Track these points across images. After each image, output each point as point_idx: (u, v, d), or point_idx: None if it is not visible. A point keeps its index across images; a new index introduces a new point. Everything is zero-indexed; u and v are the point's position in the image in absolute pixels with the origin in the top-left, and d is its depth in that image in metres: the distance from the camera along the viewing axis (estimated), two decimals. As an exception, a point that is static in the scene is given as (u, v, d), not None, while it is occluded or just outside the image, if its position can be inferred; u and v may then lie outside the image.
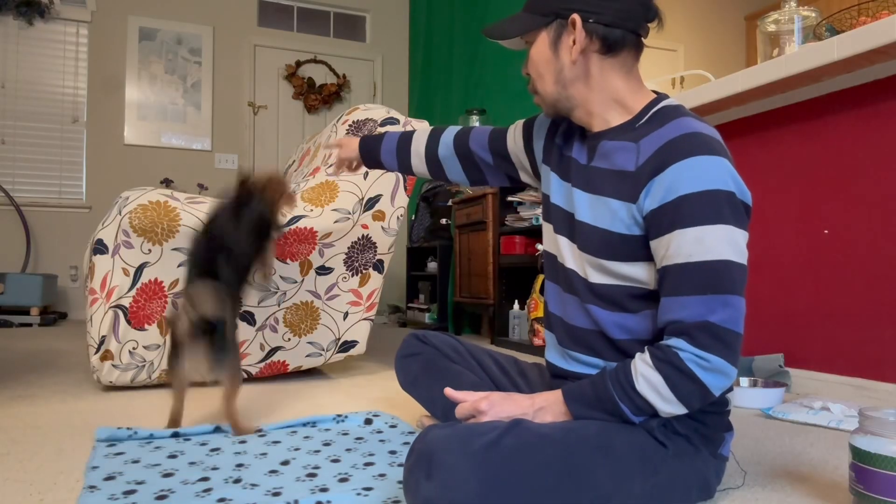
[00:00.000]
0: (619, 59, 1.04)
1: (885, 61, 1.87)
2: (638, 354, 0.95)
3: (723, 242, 0.90)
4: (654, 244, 0.96)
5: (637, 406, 0.93)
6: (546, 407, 0.98)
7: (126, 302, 1.96)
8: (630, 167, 0.99)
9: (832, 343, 2.09)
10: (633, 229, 0.98)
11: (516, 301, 3.49)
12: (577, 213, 1.07)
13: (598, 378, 0.97)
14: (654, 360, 0.92)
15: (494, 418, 0.94)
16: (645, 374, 0.92)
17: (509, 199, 3.45)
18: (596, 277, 1.04)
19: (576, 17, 1.00)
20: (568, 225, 1.10)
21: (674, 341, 0.91)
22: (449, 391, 1.02)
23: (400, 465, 1.23)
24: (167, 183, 5.08)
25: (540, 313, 3.21)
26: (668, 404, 0.92)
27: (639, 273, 0.99)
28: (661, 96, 1.06)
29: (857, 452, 0.94)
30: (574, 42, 1.01)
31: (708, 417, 1.00)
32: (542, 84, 1.08)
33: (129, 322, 1.97)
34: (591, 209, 1.04)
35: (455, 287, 4.25)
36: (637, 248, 0.98)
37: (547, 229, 1.17)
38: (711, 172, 0.91)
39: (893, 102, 1.92)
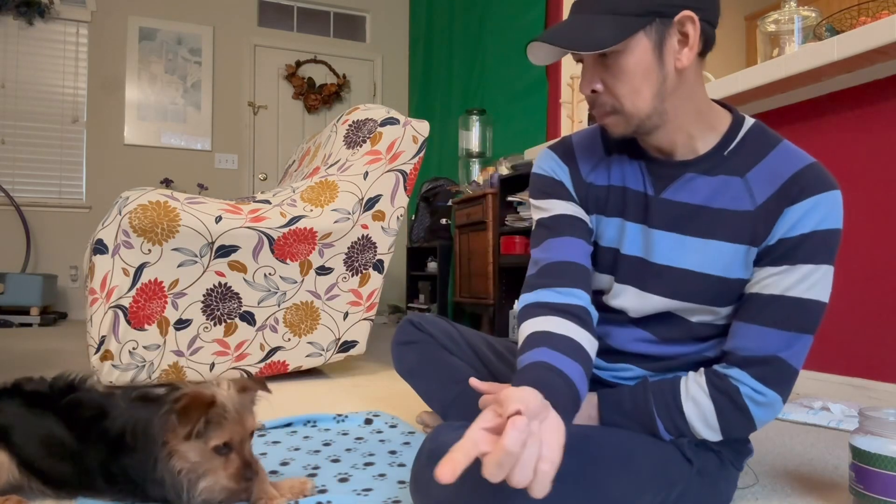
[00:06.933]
0: (704, 64, 0.91)
1: (885, 61, 1.87)
2: (691, 375, 0.91)
3: (823, 282, 0.87)
4: (755, 269, 0.90)
5: (675, 425, 0.90)
6: None
7: (126, 302, 1.96)
8: (746, 206, 0.89)
9: (832, 343, 2.09)
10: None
11: (516, 301, 3.48)
12: (656, 256, 0.95)
13: (639, 389, 0.93)
14: (711, 387, 0.88)
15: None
16: (696, 398, 0.89)
17: (509, 199, 3.45)
18: (696, 318, 0.95)
19: (691, 14, 0.83)
20: (638, 271, 0.97)
21: (735, 372, 0.88)
22: (474, 382, 0.93)
23: (400, 466, 1.23)
24: (167, 183, 5.08)
25: (540, 313, 3.20)
26: (709, 431, 0.89)
27: None
28: (735, 114, 0.95)
29: (857, 452, 0.94)
30: (683, 44, 0.85)
31: None
32: (636, 99, 0.87)
33: (128, 322, 1.97)
34: (691, 253, 0.92)
35: (455, 287, 4.25)
36: None
37: (601, 279, 1.02)
38: (837, 210, 0.87)
39: (893, 102, 1.92)
